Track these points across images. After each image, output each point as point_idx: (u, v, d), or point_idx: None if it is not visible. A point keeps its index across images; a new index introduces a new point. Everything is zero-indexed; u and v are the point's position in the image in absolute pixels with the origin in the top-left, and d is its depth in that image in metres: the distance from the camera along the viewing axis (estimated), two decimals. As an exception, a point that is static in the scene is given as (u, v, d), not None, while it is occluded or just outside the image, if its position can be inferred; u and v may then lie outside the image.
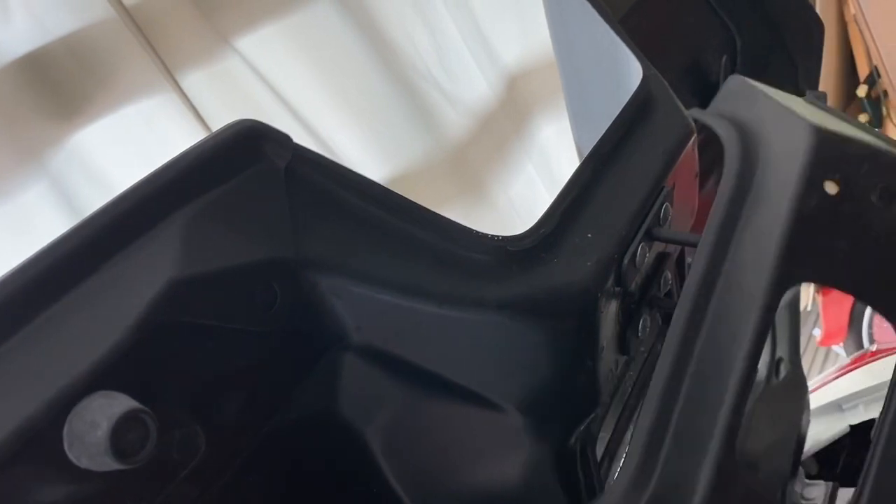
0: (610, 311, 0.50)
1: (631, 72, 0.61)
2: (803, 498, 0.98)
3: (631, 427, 0.63)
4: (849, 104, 2.84)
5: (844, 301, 2.22)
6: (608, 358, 0.51)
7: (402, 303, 0.43)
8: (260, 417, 0.41)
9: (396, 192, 0.44)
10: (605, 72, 0.66)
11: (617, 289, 0.49)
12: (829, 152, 0.46)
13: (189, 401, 0.36)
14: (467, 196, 1.68)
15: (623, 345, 0.53)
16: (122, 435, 0.30)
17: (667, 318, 0.61)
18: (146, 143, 1.26)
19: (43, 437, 0.30)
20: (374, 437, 0.46)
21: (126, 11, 1.22)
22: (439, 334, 0.45)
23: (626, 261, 0.49)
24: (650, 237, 0.52)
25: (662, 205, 0.53)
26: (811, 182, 0.45)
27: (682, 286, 0.58)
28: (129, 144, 1.25)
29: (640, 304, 0.54)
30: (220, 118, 1.31)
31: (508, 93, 1.77)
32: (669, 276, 0.57)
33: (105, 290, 0.34)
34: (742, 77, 0.57)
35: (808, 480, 1.22)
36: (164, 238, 0.36)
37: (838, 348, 2.47)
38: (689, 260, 0.65)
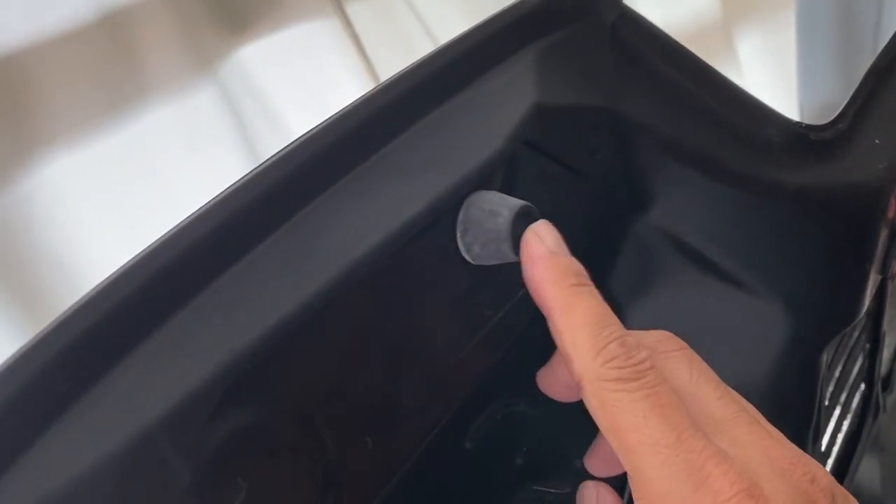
0: (887, 221, 0.48)
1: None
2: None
3: (859, 358, 0.62)
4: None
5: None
6: (873, 272, 0.50)
7: (701, 177, 0.43)
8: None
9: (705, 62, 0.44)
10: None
11: (897, 200, 0.48)
12: None
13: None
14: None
15: (884, 264, 0.51)
16: (518, 226, 0.31)
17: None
18: (304, 66, 1.29)
19: (439, 223, 0.31)
20: (639, 307, 0.46)
21: (302, -66, 1.24)
22: (730, 216, 0.44)
23: (908, 173, 0.48)
24: (930, 154, 0.51)
25: (939, 126, 0.52)
26: None
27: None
28: (287, 65, 1.28)
29: (902, 227, 0.53)
30: (377, 51, 1.32)
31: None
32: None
33: (479, 103, 0.35)
34: None
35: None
36: (523, 66, 0.37)
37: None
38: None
